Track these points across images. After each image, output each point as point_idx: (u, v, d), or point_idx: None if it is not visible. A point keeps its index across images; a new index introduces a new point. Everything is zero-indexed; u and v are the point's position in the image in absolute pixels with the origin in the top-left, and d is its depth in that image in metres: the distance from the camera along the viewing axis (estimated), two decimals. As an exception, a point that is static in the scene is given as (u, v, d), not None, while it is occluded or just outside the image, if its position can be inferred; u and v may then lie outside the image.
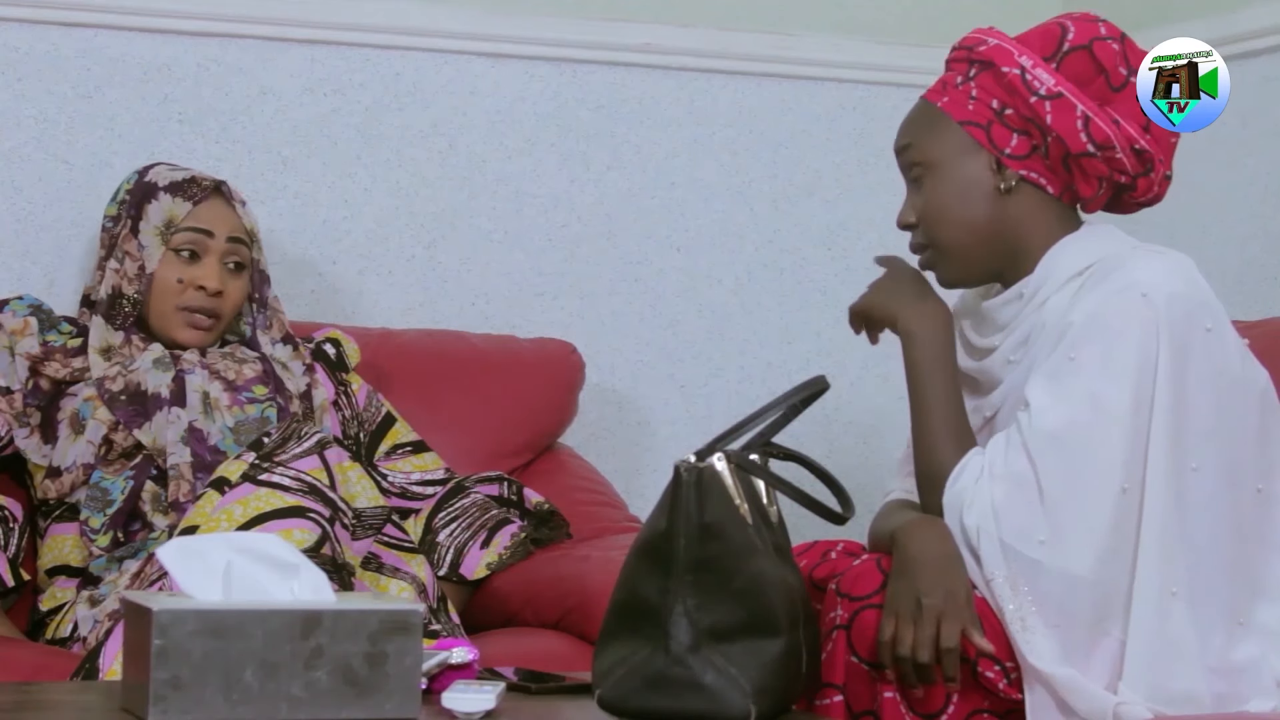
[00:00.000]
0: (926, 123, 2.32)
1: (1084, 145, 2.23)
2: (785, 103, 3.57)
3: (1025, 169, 2.27)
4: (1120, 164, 2.25)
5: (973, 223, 2.28)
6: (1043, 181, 2.28)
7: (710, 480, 2.05)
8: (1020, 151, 2.27)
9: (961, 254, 2.29)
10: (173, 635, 1.85)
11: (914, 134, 2.33)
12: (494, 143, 3.41)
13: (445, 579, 2.96)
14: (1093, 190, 2.28)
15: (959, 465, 2.21)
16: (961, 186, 2.29)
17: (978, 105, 2.28)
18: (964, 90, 2.29)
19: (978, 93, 2.28)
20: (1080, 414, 2.15)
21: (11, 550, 2.75)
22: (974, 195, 2.29)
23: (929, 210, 2.29)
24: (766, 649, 2.02)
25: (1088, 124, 2.23)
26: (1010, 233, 2.29)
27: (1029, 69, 2.25)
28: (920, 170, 2.31)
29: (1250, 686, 2.17)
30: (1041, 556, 2.12)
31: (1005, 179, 2.28)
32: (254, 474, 2.57)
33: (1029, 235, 2.29)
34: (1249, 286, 3.17)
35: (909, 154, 2.33)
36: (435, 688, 2.06)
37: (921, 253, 2.35)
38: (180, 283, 2.88)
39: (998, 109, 2.27)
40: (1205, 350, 2.17)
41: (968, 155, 2.29)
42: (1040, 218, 2.29)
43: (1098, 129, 2.23)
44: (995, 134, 2.27)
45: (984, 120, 2.28)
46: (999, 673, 2.12)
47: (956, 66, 2.32)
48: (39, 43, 3.19)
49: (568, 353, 3.31)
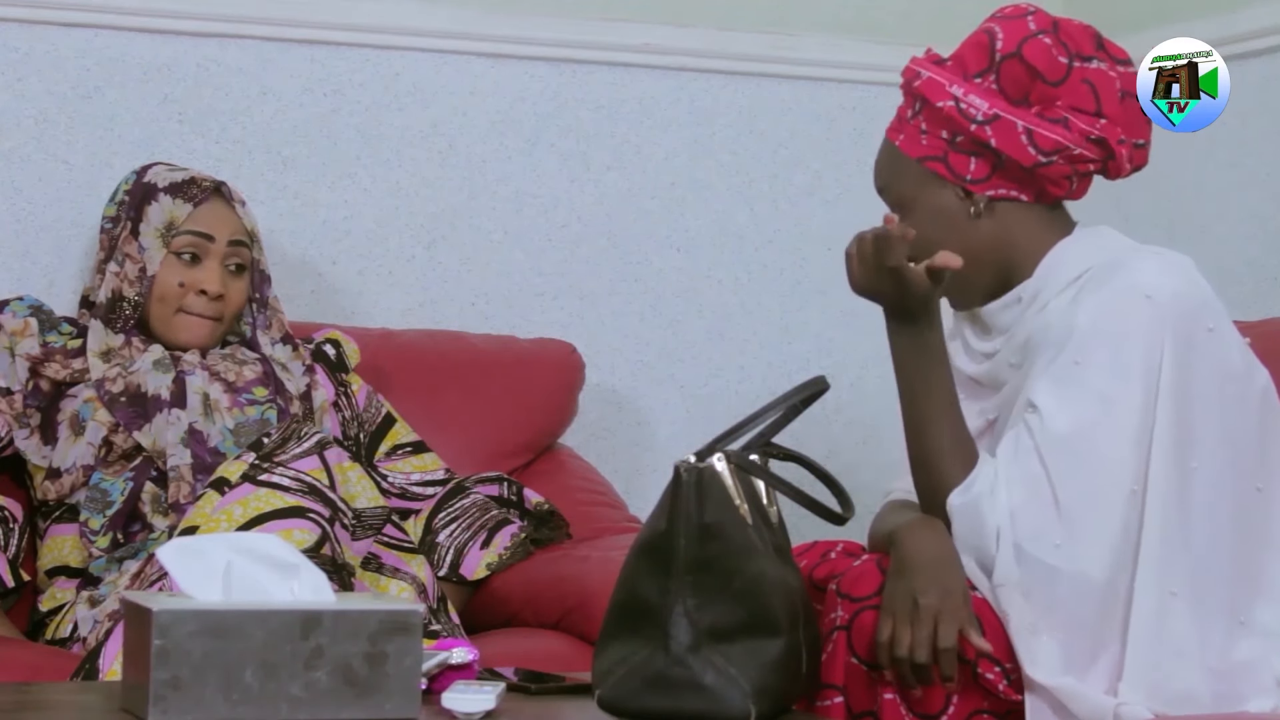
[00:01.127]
0: (890, 163, 2.32)
1: (1034, 158, 2.22)
2: (785, 103, 3.57)
3: (992, 189, 2.27)
4: (1079, 158, 2.23)
5: (959, 249, 2.24)
6: (1015, 194, 2.27)
7: (710, 480, 2.05)
8: (981, 174, 2.26)
9: (959, 280, 2.25)
10: (173, 635, 1.85)
11: (886, 176, 2.33)
12: (494, 143, 3.41)
13: (445, 579, 2.96)
14: (1065, 188, 2.28)
15: (970, 476, 2.19)
16: (937, 218, 2.27)
17: (929, 139, 2.27)
18: (915, 125, 2.29)
19: (926, 126, 2.28)
20: (1090, 417, 2.14)
21: (11, 551, 2.75)
22: (951, 224, 2.27)
23: (917, 246, 2.25)
24: (766, 649, 2.02)
25: (1032, 137, 2.22)
26: (999, 249, 2.28)
27: (961, 98, 2.24)
28: (900, 210, 2.30)
29: (1250, 686, 2.17)
30: (1057, 561, 2.12)
31: (975, 203, 2.27)
32: (254, 474, 2.57)
33: (1019, 246, 2.28)
34: (1249, 286, 3.16)
35: (887, 195, 2.33)
36: (435, 688, 2.06)
37: None
38: (181, 286, 2.87)
39: (948, 138, 2.26)
40: (1207, 350, 2.17)
41: (934, 188, 2.28)
42: (1026, 227, 2.28)
43: (1043, 139, 2.22)
44: (953, 163, 2.26)
45: (939, 152, 2.27)
46: (998, 674, 2.12)
47: (906, 99, 2.32)
48: (39, 43, 3.19)
49: (568, 353, 3.31)
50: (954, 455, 2.20)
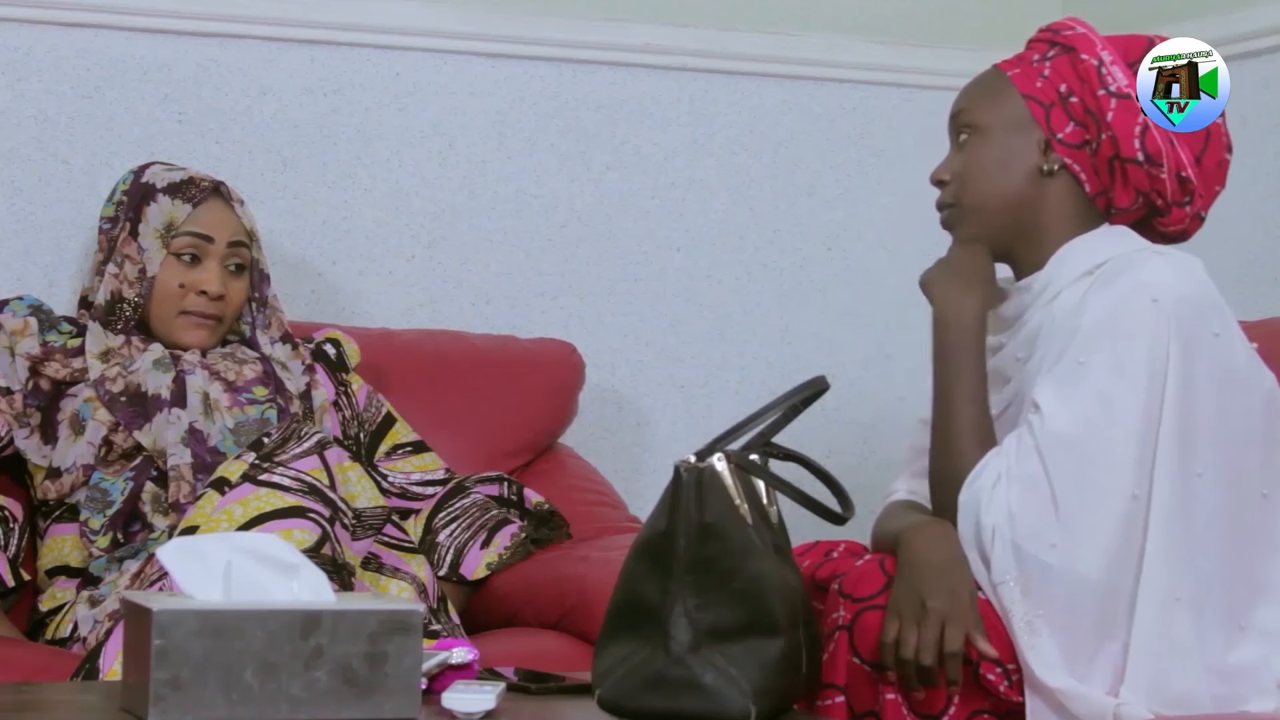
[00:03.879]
0: (989, 89, 2.34)
1: (1135, 151, 2.25)
2: (785, 103, 3.57)
3: (1071, 158, 2.29)
4: (1162, 184, 2.26)
5: (1004, 192, 2.30)
6: (1083, 177, 2.29)
7: (710, 480, 2.04)
8: (1072, 140, 2.29)
9: (984, 218, 2.31)
10: (173, 635, 1.85)
11: (972, 99, 2.35)
12: (494, 143, 3.41)
13: (445, 579, 2.96)
14: (1129, 201, 2.29)
15: (979, 465, 2.20)
16: (1005, 155, 2.30)
17: (1046, 85, 2.30)
18: (1037, 68, 2.32)
19: (1050, 73, 2.31)
20: (1092, 418, 2.15)
21: (11, 550, 2.75)
22: (1014, 167, 2.30)
23: (967, 169, 2.31)
24: (766, 649, 2.02)
25: (1145, 132, 2.24)
26: (1035, 215, 2.30)
27: (1106, 63, 2.27)
28: (969, 132, 2.33)
29: (1251, 688, 2.17)
30: (1053, 560, 2.12)
31: (1049, 161, 2.29)
32: (254, 474, 2.57)
33: (1051, 223, 2.30)
34: (1251, 286, 3.16)
35: (962, 117, 2.35)
36: (435, 688, 2.06)
37: (944, 210, 2.35)
38: (181, 287, 2.87)
39: (1064, 93, 2.29)
40: (1212, 354, 2.17)
41: (1020, 129, 2.30)
42: (1067, 211, 2.30)
43: (1153, 141, 2.24)
44: (1054, 116, 2.29)
45: (1047, 100, 2.30)
46: (1000, 675, 2.12)
47: (1037, 46, 2.35)
48: (39, 43, 3.18)
49: (568, 353, 3.31)
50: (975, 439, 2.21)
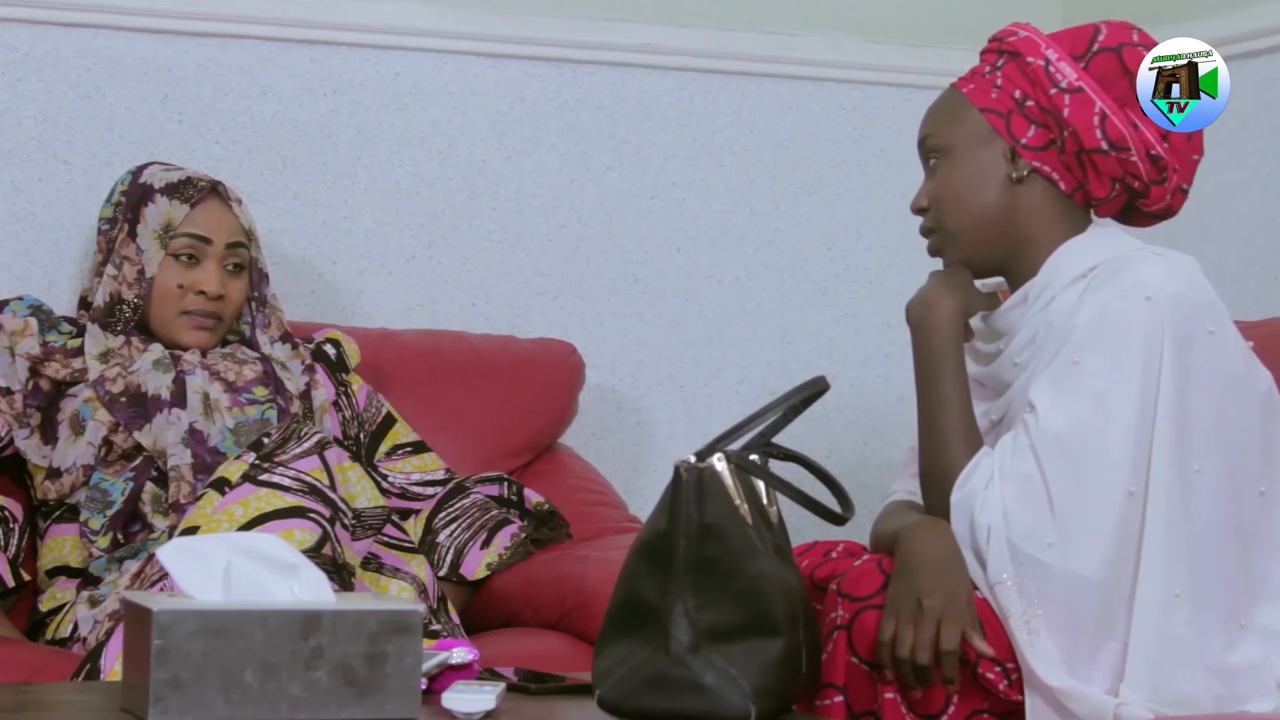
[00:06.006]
0: (948, 110, 2.35)
1: (1098, 141, 2.25)
2: (785, 103, 3.57)
3: (1039, 161, 2.29)
4: (1134, 167, 2.26)
5: (982, 209, 2.30)
6: (1055, 176, 2.29)
7: (710, 480, 2.05)
8: (1036, 143, 2.29)
9: (968, 238, 2.31)
10: (173, 635, 1.85)
11: (934, 123, 2.35)
12: (494, 143, 3.41)
13: (445, 579, 2.96)
14: (1105, 190, 2.29)
15: (969, 466, 2.20)
16: (974, 172, 2.31)
17: (1000, 94, 2.30)
18: (989, 79, 2.32)
19: (1002, 82, 2.31)
20: (1086, 417, 2.15)
21: (11, 551, 2.75)
22: (986, 182, 2.30)
23: (941, 193, 2.31)
24: (766, 649, 2.02)
25: (1104, 121, 2.24)
26: (1017, 223, 2.30)
27: (1053, 61, 2.27)
28: (937, 156, 2.34)
29: (1251, 687, 2.17)
30: (1050, 559, 2.12)
31: (1018, 168, 2.29)
32: (254, 474, 2.57)
33: (1036, 229, 2.30)
34: (1250, 286, 3.16)
35: (928, 142, 2.36)
36: (435, 688, 2.06)
37: (929, 236, 2.36)
38: (181, 288, 2.87)
39: (1019, 99, 2.29)
40: (1208, 352, 2.18)
41: (984, 142, 2.31)
42: (1049, 213, 2.30)
43: (1113, 127, 2.24)
44: (1014, 123, 2.29)
45: (1004, 109, 2.30)
46: (999, 674, 2.12)
47: (987, 57, 2.36)
48: (39, 43, 3.18)
49: (568, 353, 3.31)
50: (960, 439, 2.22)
